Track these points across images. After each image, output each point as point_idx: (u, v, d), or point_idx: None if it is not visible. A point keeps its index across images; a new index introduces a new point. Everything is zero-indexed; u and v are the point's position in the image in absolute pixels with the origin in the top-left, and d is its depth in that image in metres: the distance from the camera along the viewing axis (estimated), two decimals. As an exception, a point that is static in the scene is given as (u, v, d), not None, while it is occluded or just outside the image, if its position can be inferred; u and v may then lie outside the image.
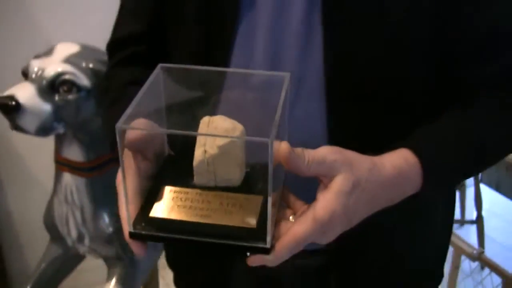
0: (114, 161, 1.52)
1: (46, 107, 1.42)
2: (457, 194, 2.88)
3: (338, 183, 0.63)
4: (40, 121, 1.41)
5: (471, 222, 2.89)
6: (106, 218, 1.58)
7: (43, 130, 1.43)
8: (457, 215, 2.52)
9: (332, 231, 0.63)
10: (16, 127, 1.40)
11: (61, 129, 1.47)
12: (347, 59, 0.74)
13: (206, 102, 0.71)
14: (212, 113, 0.67)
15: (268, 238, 0.60)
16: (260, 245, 0.61)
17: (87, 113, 1.48)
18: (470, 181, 2.92)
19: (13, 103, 1.37)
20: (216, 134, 0.63)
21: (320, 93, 0.76)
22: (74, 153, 1.52)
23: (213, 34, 0.79)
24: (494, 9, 0.76)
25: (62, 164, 1.55)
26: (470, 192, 2.88)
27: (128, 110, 0.61)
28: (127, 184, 0.63)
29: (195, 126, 0.66)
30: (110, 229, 1.59)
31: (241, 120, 0.65)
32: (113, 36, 0.94)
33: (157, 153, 0.70)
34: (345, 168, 0.63)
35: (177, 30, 0.83)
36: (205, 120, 0.66)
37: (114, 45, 0.94)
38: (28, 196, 2.26)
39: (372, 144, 0.70)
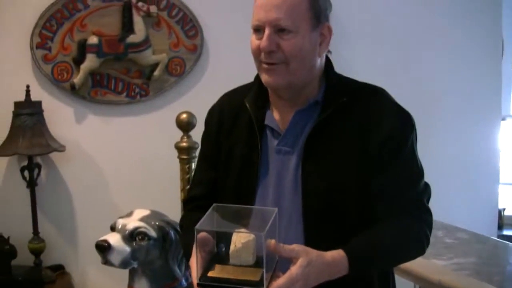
0: (168, 291, 2.17)
1: (127, 249, 2.11)
2: None
3: (300, 261, 1.26)
4: (122, 258, 2.10)
5: None
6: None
7: (123, 264, 2.10)
8: None
9: (297, 285, 1.25)
10: (106, 261, 2.07)
11: (135, 265, 2.13)
12: (314, 199, 1.41)
13: (239, 225, 1.37)
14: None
15: (265, 286, 1.23)
16: None
17: (153, 256, 2.16)
18: None
19: (106, 244, 2.06)
20: (241, 231, 1.29)
21: (300, 218, 1.42)
22: (142, 284, 2.17)
23: (244, 192, 1.48)
24: (385, 181, 1.43)
25: (132, 293, 2.19)
26: None
27: (200, 222, 1.28)
28: (197, 261, 1.28)
29: (231, 235, 1.32)
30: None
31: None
32: (188, 195, 1.64)
33: (210, 249, 1.34)
34: (304, 255, 1.27)
35: (223, 190, 1.52)
36: (236, 231, 1.31)
37: (188, 200, 1.63)
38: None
39: (329, 244, 1.33)
